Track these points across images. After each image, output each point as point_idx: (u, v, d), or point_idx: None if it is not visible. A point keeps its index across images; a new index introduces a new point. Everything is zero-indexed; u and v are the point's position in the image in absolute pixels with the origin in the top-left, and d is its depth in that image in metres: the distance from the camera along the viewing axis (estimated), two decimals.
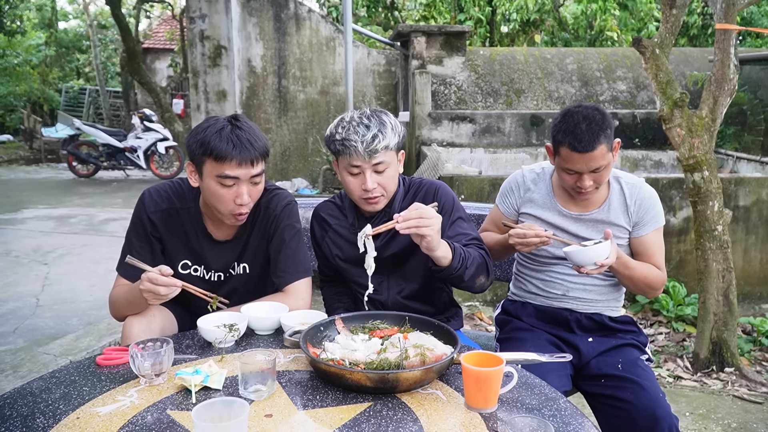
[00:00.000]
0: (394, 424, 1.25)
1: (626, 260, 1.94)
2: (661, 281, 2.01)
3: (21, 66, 17.06)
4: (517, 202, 2.14)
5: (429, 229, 1.62)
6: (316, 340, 1.57)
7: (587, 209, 2.03)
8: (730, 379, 3.31)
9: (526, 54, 7.00)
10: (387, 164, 1.85)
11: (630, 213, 2.00)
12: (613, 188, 2.03)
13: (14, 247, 6.09)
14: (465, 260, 1.76)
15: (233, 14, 6.64)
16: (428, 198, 1.96)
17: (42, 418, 1.27)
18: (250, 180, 1.79)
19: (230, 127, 1.76)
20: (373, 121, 1.83)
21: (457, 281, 1.82)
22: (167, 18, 19.65)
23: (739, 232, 4.44)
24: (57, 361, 3.28)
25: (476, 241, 1.91)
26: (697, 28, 10.52)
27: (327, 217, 2.08)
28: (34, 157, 14.09)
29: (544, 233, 1.88)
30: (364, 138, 1.79)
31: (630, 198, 2.00)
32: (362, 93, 7.09)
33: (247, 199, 1.80)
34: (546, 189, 2.10)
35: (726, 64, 3.33)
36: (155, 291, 1.62)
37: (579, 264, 1.84)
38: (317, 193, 6.21)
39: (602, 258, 1.81)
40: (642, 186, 2.02)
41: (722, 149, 5.92)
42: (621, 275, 1.96)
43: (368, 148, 1.80)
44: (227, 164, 1.73)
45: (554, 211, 2.07)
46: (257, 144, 1.77)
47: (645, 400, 1.75)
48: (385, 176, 1.86)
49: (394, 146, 1.86)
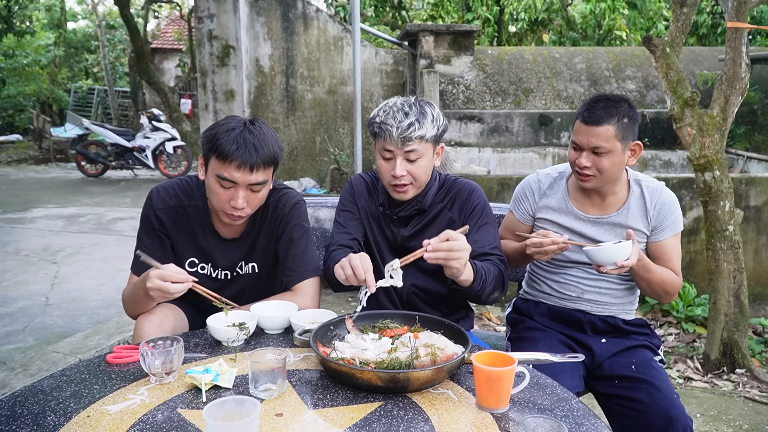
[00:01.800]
0: (405, 424, 1.24)
1: (647, 263, 1.91)
2: (677, 286, 1.99)
3: (30, 66, 17.17)
4: (533, 207, 2.12)
5: (457, 262, 1.62)
6: (326, 339, 1.57)
7: (605, 212, 2.01)
8: (741, 381, 3.29)
9: (534, 53, 6.98)
10: (420, 154, 1.85)
11: (649, 217, 1.97)
12: (633, 191, 2.00)
13: (24, 246, 6.13)
14: (485, 281, 1.76)
15: (241, 14, 6.65)
16: (461, 198, 1.97)
17: (53, 416, 1.27)
18: (248, 186, 1.76)
19: (242, 128, 1.74)
20: (413, 110, 1.83)
21: (475, 299, 1.87)
22: (175, 18, 19.72)
23: (750, 233, 4.40)
24: (66, 359, 3.29)
25: (497, 251, 1.91)
26: (706, 27, 10.45)
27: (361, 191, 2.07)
28: (43, 156, 14.19)
29: (560, 239, 1.85)
30: (401, 124, 1.80)
31: (650, 202, 1.98)
32: (370, 93, 7.08)
33: (242, 204, 1.76)
34: (562, 193, 2.08)
35: (737, 63, 3.30)
36: (164, 288, 1.60)
37: (599, 263, 1.82)
38: (324, 192, 6.22)
39: (623, 258, 1.79)
40: (662, 190, 2.00)
41: (733, 149, 5.88)
42: (640, 278, 1.94)
43: (402, 135, 1.80)
44: (227, 165, 1.72)
45: (571, 215, 2.04)
46: (262, 150, 1.73)
47: (659, 401, 1.74)
48: (416, 165, 1.86)
49: (430, 138, 1.85)
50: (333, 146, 6.97)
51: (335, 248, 1.94)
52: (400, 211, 1.97)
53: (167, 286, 1.60)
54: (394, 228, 2.00)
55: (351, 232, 2.00)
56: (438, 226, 1.97)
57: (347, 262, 1.67)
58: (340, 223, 2.04)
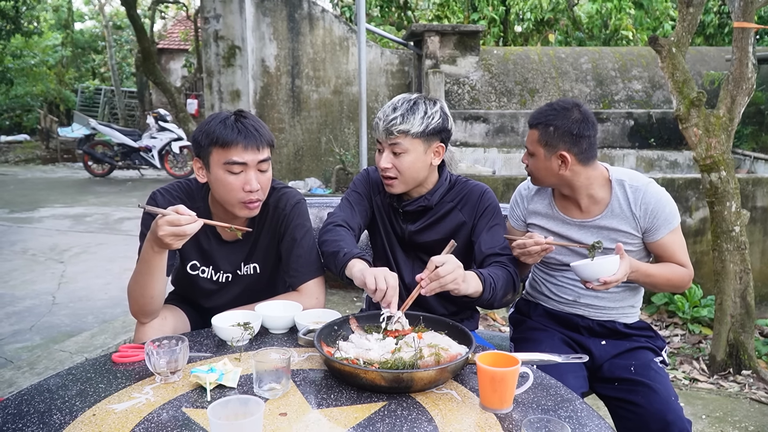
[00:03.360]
0: (408, 424, 1.24)
1: (645, 269, 1.87)
2: (686, 278, 1.94)
3: (38, 66, 17.27)
4: (523, 213, 2.14)
5: (453, 283, 1.60)
6: (330, 338, 1.57)
7: (589, 216, 1.98)
8: (747, 382, 3.27)
9: (540, 53, 6.96)
10: (404, 148, 1.87)
11: (637, 218, 1.92)
12: (615, 193, 1.95)
13: (31, 246, 6.16)
14: (495, 288, 1.75)
15: (247, 14, 6.67)
16: (472, 199, 1.99)
17: (59, 415, 1.28)
18: (257, 166, 1.79)
19: (234, 118, 1.79)
20: (404, 105, 1.88)
21: (488, 306, 1.87)
22: (182, 18, 19.76)
23: (757, 233, 4.38)
24: (73, 358, 3.31)
25: (507, 251, 1.90)
26: (713, 27, 10.40)
27: (376, 183, 2.09)
28: (51, 156, 14.26)
29: (543, 240, 1.83)
30: (387, 117, 1.87)
31: (634, 203, 1.91)
32: (375, 93, 7.09)
33: (257, 186, 1.79)
34: (548, 199, 2.08)
35: (744, 63, 3.29)
36: (178, 232, 1.54)
37: (585, 278, 1.79)
38: (330, 192, 6.22)
39: (608, 274, 1.73)
40: (647, 188, 1.92)
41: (739, 149, 5.85)
42: (643, 283, 1.94)
43: (385, 128, 1.86)
44: (233, 150, 1.74)
45: (557, 220, 2.04)
46: (262, 130, 1.80)
47: (656, 404, 1.73)
48: (400, 160, 1.88)
49: (415, 134, 1.86)
50: (338, 146, 6.98)
51: (339, 223, 1.94)
52: (407, 206, 2.00)
53: (182, 230, 1.55)
54: (401, 223, 2.03)
55: (356, 214, 2.02)
56: (446, 226, 1.99)
57: (382, 277, 1.60)
58: (349, 202, 2.06)
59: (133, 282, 1.73)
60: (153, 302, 1.75)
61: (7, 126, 17.51)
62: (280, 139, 7.01)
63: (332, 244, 1.84)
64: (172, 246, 1.59)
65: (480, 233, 1.94)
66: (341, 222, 1.95)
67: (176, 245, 1.59)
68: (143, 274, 1.69)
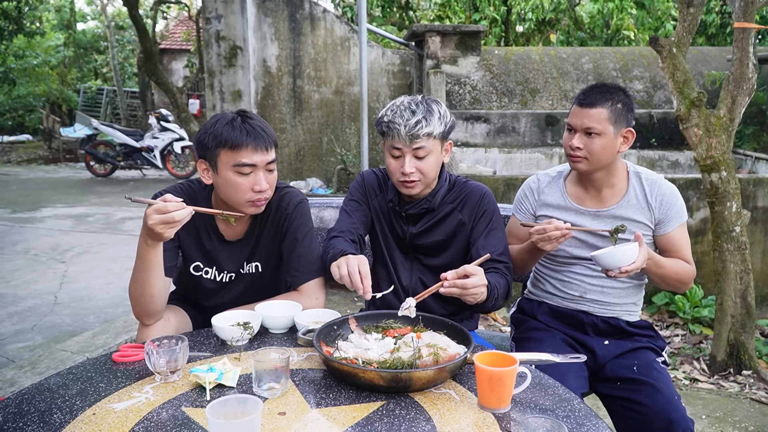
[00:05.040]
0: (406, 424, 1.25)
1: (657, 259, 1.91)
2: (691, 275, 1.99)
3: (40, 67, 17.31)
4: (533, 206, 2.13)
5: (473, 297, 1.64)
6: (329, 338, 1.58)
7: (604, 205, 2.01)
8: (748, 382, 3.27)
9: (541, 53, 6.96)
10: (428, 151, 1.87)
11: (652, 209, 1.97)
12: (632, 184, 2.00)
13: (33, 246, 6.18)
14: (497, 298, 1.78)
15: (249, 15, 6.68)
16: (472, 201, 1.99)
17: (59, 414, 1.28)
18: (265, 167, 1.81)
19: (240, 118, 1.80)
20: (420, 108, 1.86)
21: (483, 311, 1.93)
22: (184, 19, 19.79)
23: (758, 234, 4.38)
24: (74, 357, 3.32)
25: (504, 258, 1.92)
26: (715, 27, 10.39)
27: (372, 186, 2.09)
28: (53, 156, 14.29)
29: (564, 225, 1.84)
30: (408, 122, 1.83)
31: (651, 195, 1.97)
32: (377, 93, 7.09)
33: (266, 186, 1.82)
34: (560, 190, 2.09)
35: (745, 63, 3.29)
36: (168, 219, 1.54)
37: (607, 267, 1.81)
38: (331, 192, 6.24)
39: (628, 261, 1.77)
40: (662, 182, 2.00)
41: (740, 149, 5.85)
42: (653, 274, 1.94)
43: (410, 133, 1.83)
44: (243, 152, 1.76)
45: (571, 210, 2.05)
46: (269, 131, 1.83)
47: (660, 403, 1.74)
48: (424, 162, 1.88)
49: (438, 135, 1.87)
50: (340, 146, 6.98)
51: (336, 235, 1.96)
52: (410, 209, 1.99)
53: (170, 216, 1.54)
54: (403, 225, 2.03)
55: (355, 222, 2.02)
56: (447, 227, 1.99)
57: (344, 262, 1.68)
58: (346, 212, 2.06)
59: (133, 281, 1.73)
60: (153, 301, 1.75)
61: (9, 126, 17.55)
62: (282, 139, 7.01)
63: (326, 254, 1.88)
64: (163, 236, 1.57)
65: (478, 236, 1.95)
66: (337, 233, 1.96)
67: (167, 234, 1.57)
68: (140, 271, 1.70)
